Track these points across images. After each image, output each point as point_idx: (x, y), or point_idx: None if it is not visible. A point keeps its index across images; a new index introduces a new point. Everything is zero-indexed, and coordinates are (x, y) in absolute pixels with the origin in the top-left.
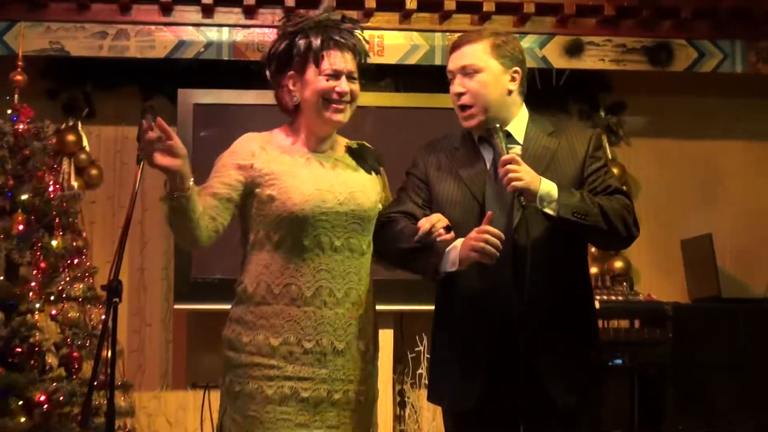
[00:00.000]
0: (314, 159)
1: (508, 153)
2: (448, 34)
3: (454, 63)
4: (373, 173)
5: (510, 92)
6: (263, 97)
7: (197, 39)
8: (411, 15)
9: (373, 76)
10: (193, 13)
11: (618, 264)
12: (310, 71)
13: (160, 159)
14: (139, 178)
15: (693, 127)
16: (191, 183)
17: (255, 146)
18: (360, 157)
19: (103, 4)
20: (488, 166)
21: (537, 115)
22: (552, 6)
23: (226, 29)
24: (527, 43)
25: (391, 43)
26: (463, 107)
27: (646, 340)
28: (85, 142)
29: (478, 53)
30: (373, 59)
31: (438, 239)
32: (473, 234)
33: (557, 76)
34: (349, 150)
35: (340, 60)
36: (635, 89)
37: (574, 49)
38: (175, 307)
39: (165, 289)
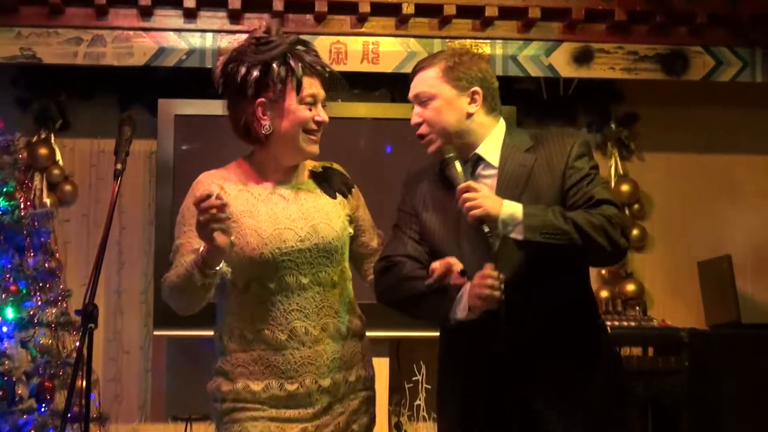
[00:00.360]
0: (276, 192)
1: (464, 180)
2: (447, 40)
3: (410, 92)
4: (339, 197)
5: (470, 115)
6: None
7: (179, 45)
8: (408, 20)
9: (368, 85)
10: (174, 18)
11: (630, 287)
12: (290, 99)
13: (221, 237)
14: (116, 194)
15: (710, 141)
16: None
17: (214, 187)
18: (324, 180)
19: (77, 8)
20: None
21: (517, 130)
22: (559, 11)
23: (209, 35)
24: (533, 50)
25: (387, 50)
26: (421, 136)
27: (661, 369)
28: (58, 156)
29: (428, 80)
30: (368, 67)
31: (452, 282)
32: (476, 280)
33: (565, 85)
34: (313, 174)
35: (316, 86)
36: (648, 100)
37: (582, 57)
38: (155, 333)
39: (144, 314)
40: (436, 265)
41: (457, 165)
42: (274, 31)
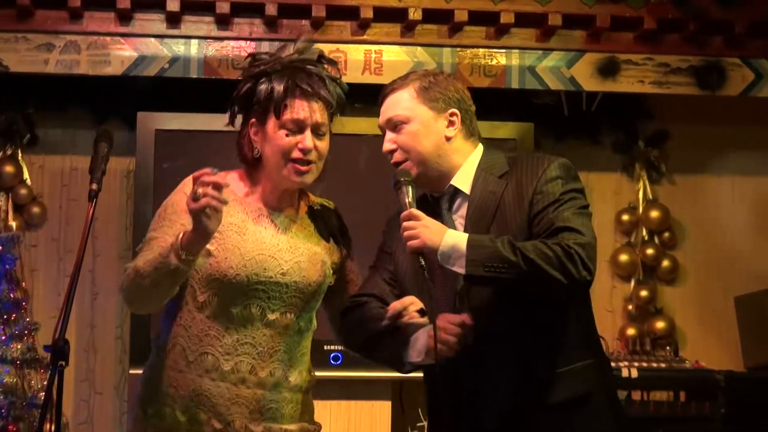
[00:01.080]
0: (267, 217)
1: (409, 207)
2: (458, 49)
3: (381, 117)
4: (332, 241)
5: (448, 139)
6: (236, 122)
7: (161, 53)
8: (415, 27)
9: (370, 98)
10: (156, 23)
11: (659, 324)
12: (271, 123)
13: (209, 221)
14: (90, 217)
15: (748, 162)
16: None
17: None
18: (320, 220)
19: (48, 10)
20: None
21: (495, 153)
22: (582, 18)
23: (195, 42)
24: (552, 61)
25: (391, 59)
26: (396, 164)
27: (694, 416)
28: (25, 175)
29: (402, 101)
30: (370, 79)
31: (407, 321)
32: (440, 323)
33: (588, 100)
34: (310, 211)
35: (304, 110)
36: (680, 117)
37: (608, 69)
38: (131, 372)
39: (119, 351)
40: (395, 303)
41: (409, 190)
42: (299, 42)
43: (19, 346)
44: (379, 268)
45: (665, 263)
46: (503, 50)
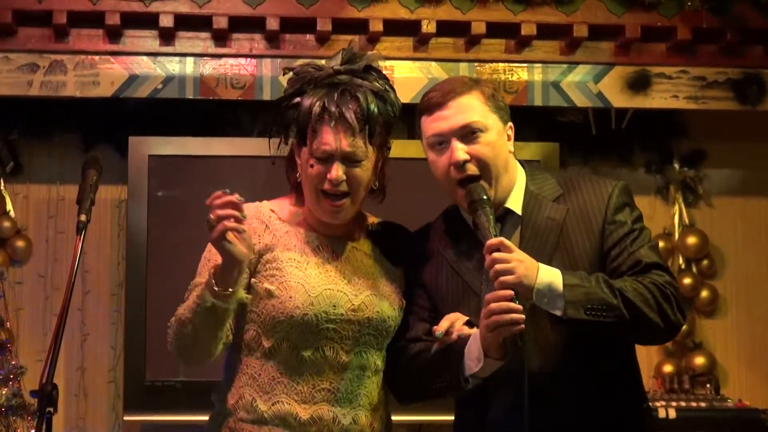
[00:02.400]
0: (326, 244)
1: (496, 234)
2: (476, 64)
3: (447, 122)
4: (401, 266)
5: (511, 153)
6: (236, 146)
7: (154, 72)
8: (428, 41)
9: None
10: (148, 40)
11: (699, 360)
12: (303, 149)
13: (238, 243)
14: (79, 251)
15: None
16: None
17: (255, 222)
18: (384, 243)
19: (32, 27)
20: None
21: (540, 174)
22: (610, 28)
23: (190, 60)
24: (578, 75)
25: (404, 76)
26: (470, 178)
27: None
28: (9, 206)
29: (476, 107)
30: None
31: (457, 334)
32: (482, 313)
33: (617, 117)
34: (370, 233)
35: (332, 138)
36: (718, 134)
37: (638, 83)
38: (125, 418)
39: (112, 396)
40: (441, 324)
41: (489, 212)
42: (347, 49)
43: (3, 392)
44: (414, 307)
45: (704, 294)
46: (525, 64)
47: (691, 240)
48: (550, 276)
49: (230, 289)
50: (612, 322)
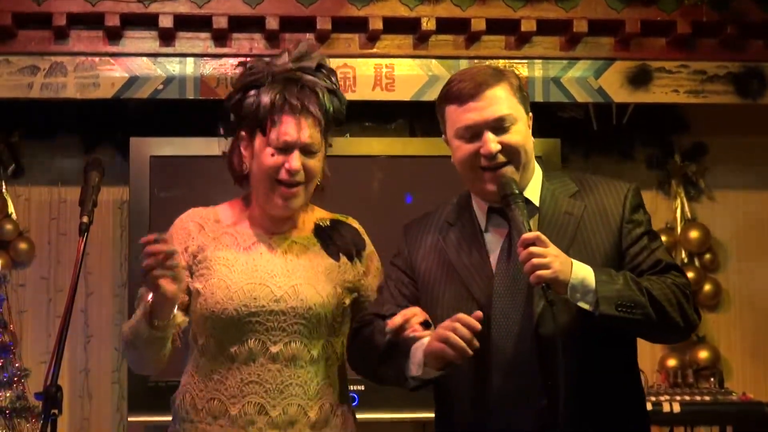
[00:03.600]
0: (262, 243)
1: (530, 228)
2: (476, 61)
3: (480, 114)
4: (344, 259)
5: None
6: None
7: (154, 73)
8: (428, 38)
9: (381, 116)
10: (148, 41)
11: (702, 354)
12: (258, 139)
13: (168, 286)
14: (82, 253)
15: None
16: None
17: (191, 225)
18: (330, 238)
19: (32, 30)
20: (500, 242)
21: (555, 171)
22: (610, 23)
23: (190, 60)
24: (578, 71)
25: (404, 74)
26: (495, 167)
27: None
28: (11, 208)
29: (507, 99)
30: (381, 95)
31: (409, 335)
32: (444, 323)
33: (618, 112)
34: (318, 229)
35: (292, 129)
36: (719, 128)
37: (639, 78)
38: (130, 419)
39: (116, 397)
40: (394, 318)
41: (522, 206)
42: (299, 48)
43: (8, 395)
44: (390, 287)
45: (707, 287)
46: (525, 61)
47: (693, 234)
48: (583, 272)
49: (166, 320)
50: (639, 319)
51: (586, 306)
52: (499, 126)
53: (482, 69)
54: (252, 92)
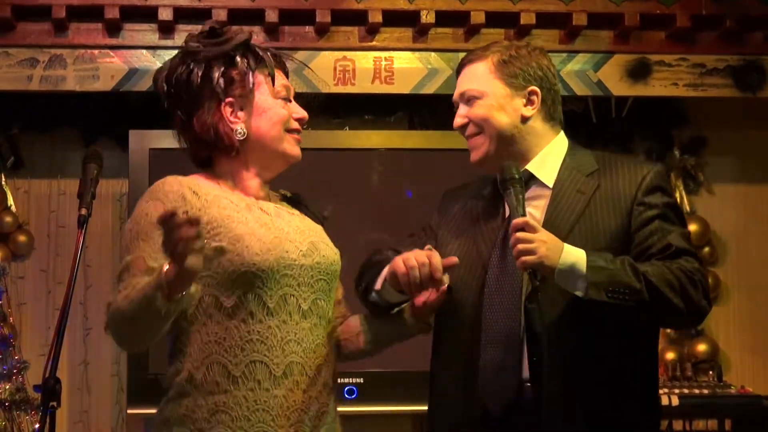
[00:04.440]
0: (254, 204)
1: (522, 213)
2: None
3: (456, 90)
4: (320, 226)
5: (525, 119)
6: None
7: (153, 66)
8: (428, 31)
9: (381, 109)
10: (147, 33)
11: (701, 347)
12: (264, 94)
13: (196, 261)
14: (81, 245)
15: None
16: None
17: (185, 190)
18: (301, 206)
19: (31, 22)
20: (506, 218)
21: (581, 150)
22: (609, 16)
23: None
24: (578, 64)
25: (403, 66)
26: (469, 137)
27: None
28: (10, 201)
29: (477, 75)
30: (381, 88)
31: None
32: (412, 252)
33: (617, 105)
34: (286, 199)
35: (287, 81)
36: (718, 121)
37: (638, 72)
38: (129, 411)
39: (115, 389)
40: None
41: (519, 189)
42: (231, 33)
43: (7, 387)
44: (417, 239)
45: None
46: None
47: (693, 227)
48: (574, 257)
49: (184, 292)
50: (634, 305)
51: (576, 292)
52: (464, 100)
53: (480, 47)
54: (238, 55)
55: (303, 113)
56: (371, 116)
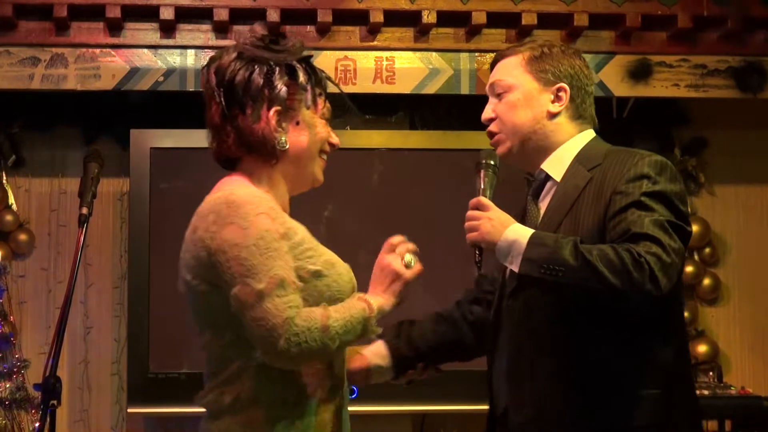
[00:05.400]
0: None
1: (488, 197)
2: (476, 54)
3: (488, 82)
4: None
5: (552, 115)
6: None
7: (155, 65)
8: (429, 31)
9: (382, 109)
10: (149, 32)
11: (701, 348)
12: (313, 111)
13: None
14: (81, 244)
15: None
16: None
17: (273, 203)
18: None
19: (33, 21)
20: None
21: (598, 144)
22: (610, 17)
23: (191, 52)
24: None
25: (404, 66)
26: (490, 134)
27: None
28: (11, 199)
29: (509, 68)
30: (382, 88)
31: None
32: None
33: (619, 106)
34: None
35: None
36: (719, 122)
37: (639, 72)
38: (129, 410)
39: (116, 388)
40: None
41: (488, 175)
42: (293, 40)
43: (7, 385)
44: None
45: (706, 282)
46: None
47: (693, 228)
48: (517, 234)
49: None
50: (569, 283)
51: (513, 268)
52: (494, 93)
53: (515, 44)
54: (299, 64)
55: (337, 140)
56: (372, 116)
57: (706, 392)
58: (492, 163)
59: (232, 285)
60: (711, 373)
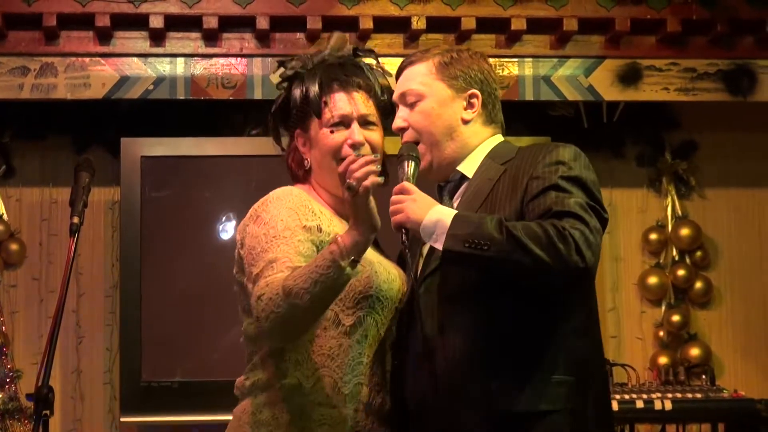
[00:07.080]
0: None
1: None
2: None
3: (395, 91)
4: None
5: (465, 122)
6: (228, 146)
7: (144, 73)
8: (419, 37)
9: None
10: (138, 41)
11: (694, 351)
12: (314, 125)
13: (374, 214)
14: (73, 253)
15: None
16: None
17: (312, 204)
18: None
19: (22, 30)
20: None
21: (507, 145)
22: (599, 22)
23: (181, 60)
24: (569, 69)
25: (394, 72)
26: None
27: None
28: (2, 209)
29: (419, 75)
30: None
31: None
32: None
33: (609, 110)
34: None
35: (345, 102)
36: (709, 125)
37: (629, 76)
38: (122, 419)
39: (108, 397)
40: None
41: (411, 165)
42: (332, 39)
43: (0, 396)
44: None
45: (698, 285)
46: (515, 59)
47: (685, 231)
48: (440, 214)
49: (360, 258)
50: (493, 256)
51: (437, 245)
52: (405, 102)
53: (421, 50)
54: (296, 84)
55: (356, 138)
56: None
57: (699, 395)
58: (413, 155)
59: (245, 274)
60: (704, 376)
